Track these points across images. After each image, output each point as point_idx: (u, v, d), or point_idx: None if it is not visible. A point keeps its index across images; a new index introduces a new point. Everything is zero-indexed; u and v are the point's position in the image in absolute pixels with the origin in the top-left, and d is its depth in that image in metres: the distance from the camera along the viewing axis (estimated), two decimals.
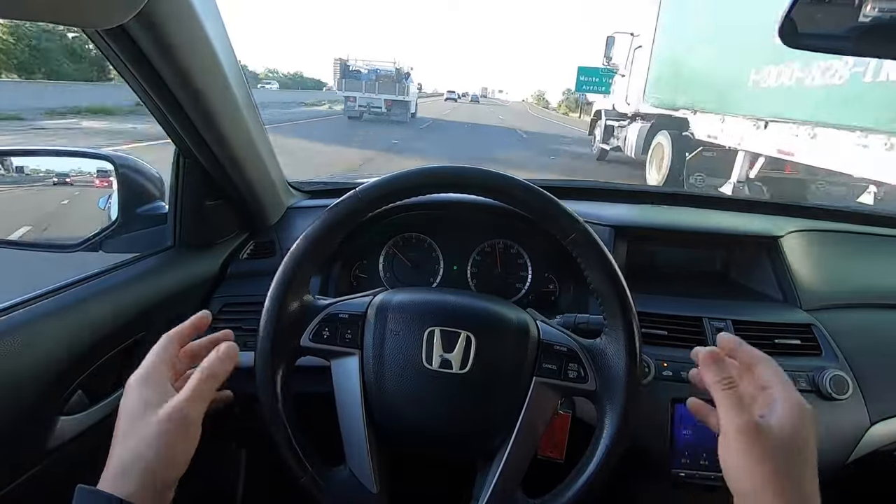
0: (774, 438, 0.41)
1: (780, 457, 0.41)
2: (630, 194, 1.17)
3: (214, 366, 0.47)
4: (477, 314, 0.58)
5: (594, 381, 0.54)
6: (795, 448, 0.41)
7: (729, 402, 0.44)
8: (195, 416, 0.44)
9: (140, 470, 0.41)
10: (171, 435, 0.42)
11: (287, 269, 0.55)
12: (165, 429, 0.42)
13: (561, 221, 0.55)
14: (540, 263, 0.93)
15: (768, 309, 0.87)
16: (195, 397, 0.45)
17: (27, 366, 0.54)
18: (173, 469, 0.43)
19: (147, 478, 0.41)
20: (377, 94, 17.37)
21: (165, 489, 0.43)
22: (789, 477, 0.40)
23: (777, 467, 0.40)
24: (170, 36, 0.52)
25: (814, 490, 0.41)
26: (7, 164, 0.84)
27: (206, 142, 0.68)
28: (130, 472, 0.40)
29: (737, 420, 0.42)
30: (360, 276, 0.95)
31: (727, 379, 0.45)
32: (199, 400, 0.45)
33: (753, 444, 0.41)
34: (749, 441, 0.41)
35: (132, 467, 0.41)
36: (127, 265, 0.73)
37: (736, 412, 0.43)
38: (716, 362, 0.46)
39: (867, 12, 0.60)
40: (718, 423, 0.46)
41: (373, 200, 0.56)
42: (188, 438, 0.44)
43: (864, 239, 1.03)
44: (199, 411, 0.45)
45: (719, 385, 0.45)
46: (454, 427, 0.55)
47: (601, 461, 0.52)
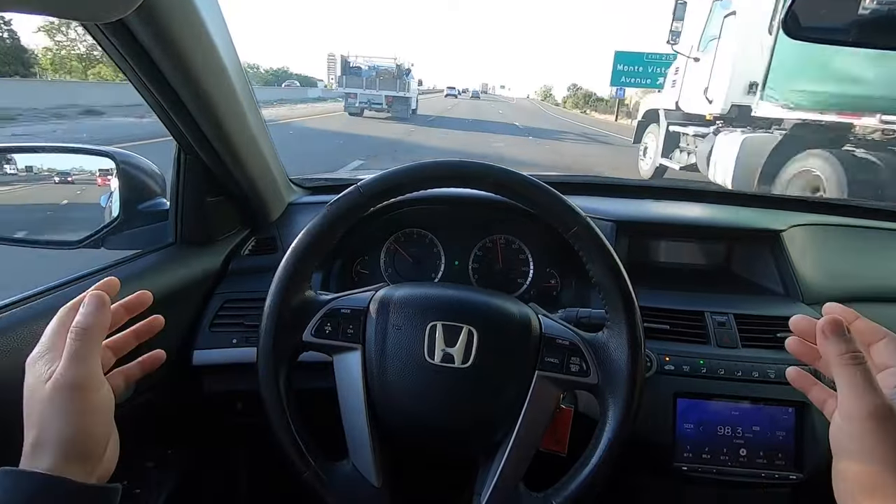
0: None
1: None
2: (631, 189, 1.17)
3: (82, 321, 0.43)
4: (479, 308, 0.58)
5: (596, 375, 0.54)
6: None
7: (858, 381, 0.38)
8: (82, 378, 0.41)
9: (52, 444, 0.39)
10: (65, 404, 0.40)
11: (289, 265, 0.55)
12: (58, 399, 0.40)
13: (563, 215, 0.55)
14: (541, 258, 0.93)
15: (770, 303, 0.87)
16: (72, 360, 0.41)
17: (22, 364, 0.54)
18: (88, 437, 0.41)
19: (62, 450, 0.39)
20: (378, 91, 17.37)
21: (91, 459, 0.41)
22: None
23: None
24: (170, 30, 0.51)
25: None
26: (7, 160, 0.84)
27: (206, 138, 0.68)
28: (44, 448, 0.39)
29: (867, 402, 0.37)
30: (361, 271, 0.95)
31: (855, 354, 0.39)
32: (79, 361, 0.41)
33: (881, 433, 0.36)
34: (881, 426, 0.36)
35: (44, 443, 0.39)
36: (128, 262, 0.73)
37: (866, 393, 0.37)
38: (839, 333, 0.40)
39: (866, 4, 0.59)
40: (826, 399, 0.43)
41: (374, 195, 0.56)
42: (87, 402, 0.41)
43: (867, 233, 1.02)
44: (84, 373, 0.41)
45: (845, 359, 0.39)
46: (456, 421, 0.55)
47: (604, 455, 0.52)
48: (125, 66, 0.56)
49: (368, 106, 17.43)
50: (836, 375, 0.40)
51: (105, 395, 0.43)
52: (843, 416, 0.39)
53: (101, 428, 0.42)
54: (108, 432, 0.43)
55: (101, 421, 0.42)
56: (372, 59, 18.89)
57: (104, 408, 0.43)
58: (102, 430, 0.42)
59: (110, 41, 0.52)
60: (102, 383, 0.43)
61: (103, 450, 0.42)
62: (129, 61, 0.55)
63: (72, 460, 0.39)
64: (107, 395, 0.43)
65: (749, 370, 0.74)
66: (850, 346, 0.40)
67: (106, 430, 0.43)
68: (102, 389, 0.43)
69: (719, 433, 0.73)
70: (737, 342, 0.78)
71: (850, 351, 0.39)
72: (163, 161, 0.83)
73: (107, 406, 0.43)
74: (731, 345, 0.77)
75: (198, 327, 0.79)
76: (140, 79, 0.58)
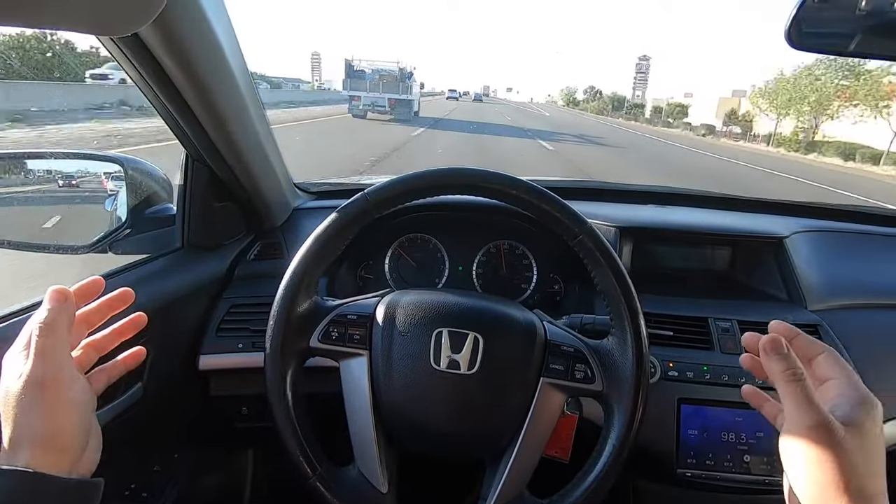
0: (840, 436, 0.38)
1: (849, 457, 0.38)
2: (635, 195, 1.17)
3: (43, 317, 0.43)
4: (484, 315, 0.58)
5: (601, 382, 0.55)
6: (865, 447, 0.39)
7: (798, 398, 0.40)
8: (51, 374, 0.41)
9: (27, 440, 0.40)
10: (36, 400, 0.40)
11: (296, 271, 0.55)
12: (29, 396, 0.41)
13: (567, 222, 0.55)
14: (545, 264, 0.93)
15: (774, 309, 0.87)
16: (38, 356, 0.42)
17: None
18: (61, 432, 0.41)
19: (37, 445, 0.40)
20: (381, 94, 17.62)
21: (67, 453, 0.41)
22: (856, 477, 0.38)
23: (846, 468, 0.38)
24: (182, 42, 0.52)
25: (881, 490, 0.38)
26: (16, 166, 0.85)
27: (215, 145, 0.69)
28: (20, 445, 0.40)
29: (807, 417, 0.39)
30: (366, 276, 0.96)
31: (794, 371, 0.41)
32: (45, 357, 0.42)
33: (823, 444, 0.38)
34: (819, 440, 0.38)
35: (19, 440, 0.40)
36: (135, 266, 0.74)
37: (806, 408, 0.39)
38: (779, 351, 0.42)
39: (862, 7, 0.60)
40: (777, 414, 0.44)
41: (381, 202, 0.56)
42: (59, 397, 0.41)
43: (870, 239, 1.03)
44: (53, 369, 0.42)
45: (786, 376, 0.41)
46: (462, 427, 0.56)
47: (609, 461, 0.52)
48: (137, 76, 0.57)
49: (372, 108, 17.61)
50: (779, 391, 0.42)
51: (79, 390, 0.43)
52: (788, 430, 0.41)
53: (76, 422, 0.42)
54: (86, 427, 0.43)
55: (76, 415, 0.42)
56: (375, 62, 19.06)
57: (79, 403, 0.43)
58: (78, 424, 0.42)
59: (124, 53, 0.52)
60: (76, 379, 0.43)
61: (82, 444, 0.42)
62: (142, 72, 0.56)
63: (49, 454, 0.40)
64: (81, 390, 0.43)
65: (752, 376, 0.74)
66: (789, 363, 0.42)
67: (82, 424, 0.42)
68: (76, 385, 0.43)
69: (723, 439, 0.73)
70: (740, 348, 0.78)
71: (790, 368, 0.41)
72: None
73: (82, 401, 0.43)
74: (734, 351, 0.77)
75: (204, 332, 0.79)
76: (151, 89, 0.59)
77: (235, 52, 0.64)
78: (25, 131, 4.96)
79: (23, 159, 0.85)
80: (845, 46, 0.64)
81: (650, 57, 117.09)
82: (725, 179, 10.65)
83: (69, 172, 0.86)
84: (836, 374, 0.43)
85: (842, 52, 0.65)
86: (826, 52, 0.67)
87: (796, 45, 0.58)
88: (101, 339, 0.50)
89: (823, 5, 0.63)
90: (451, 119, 21.61)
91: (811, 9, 0.61)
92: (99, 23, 0.34)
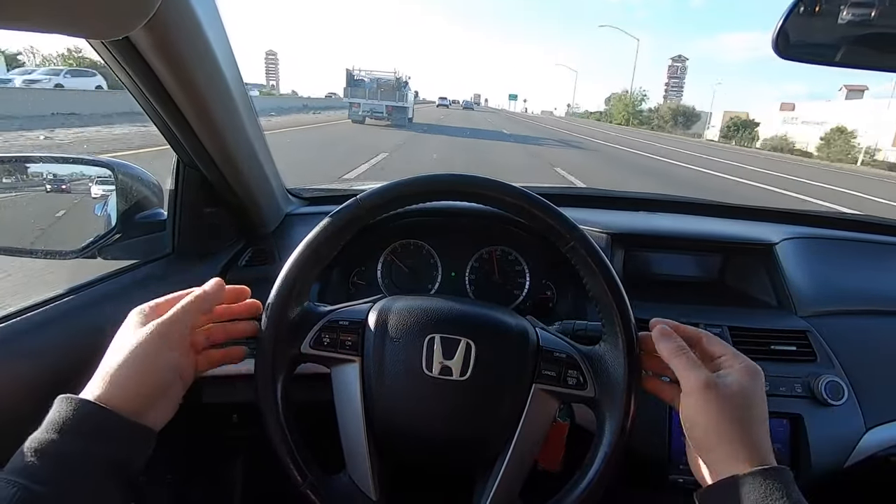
0: (729, 394, 0.46)
1: (734, 410, 0.45)
2: (627, 201, 1.18)
3: (196, 293, 0.53)
4: (477, 321, 0.58)
5: (593, 388, 0.55)
6: (747, 403, 0.46)
7: (686, 364, 0.49)
8: (172, 332, 0.49)
9: (119, 378, 0.45)
10: (148, 346, 0.47)
11: (288, 276, 0.55)
12: (144, 342, 0.47)
13: (559, 228, 0.55)
14: (538, 270, 0.93)
15: (764, 316, 0.88)
16: (173, 319, 0.50)
17: (25, 375, 0.54)
18: (150, 377, 0.47)
19: (124, 384, 0.45)
20: (379, 101, 18.90)
21: (144, 398, 0.46)
22: (742, 427, 0.44)
23: (732, 418, 0.45)
24: (174, 46, 0.52)
25: (765, 439, 0.45)
26: (2, 170, 0.84)
27: (207, 151, 0.69)
28: (109, 380, 0.45)
29: (695, 377, 0.47)
30: (358, 282, 0.95)
31: (681, 346, 0.51)
32: (176, 321, 0.50)
33: (711, 399, 0.45)
34: (707, 396, 0.46)
35: (113, 376, 0.45)
36: (125, 272, 0.73)
37: (694, 371, 0.48)
38: (667, 335, 0.52)
39: (843, 17, 0.61)
40: (674, 396, 0.51)
41: (373, 208, 0.56)
42: (165, 350, 0.48)
43: (860, 246, 1.04)
44: (175, 331, 0.49)
45: (675, 352, 0.50)
46: (454, 434, 0.55)
47: (601, 468, 0.52)
48: (128, 81, 0.56)
49: (370, 114, 18.87)
50: (673, 367, 0.50)
51: (177, 355, 0.50)
52: (685, 394, 0.48)
53: (159, 380, 0.48)
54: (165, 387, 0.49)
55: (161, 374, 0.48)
56: (373, 72, 20.22)
57: (171, 364, 0.49)
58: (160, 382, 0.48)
59: (115, 57, 0.52)
60: (180, 345, 0.50)
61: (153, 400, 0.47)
62: (133, 77, 0.55)
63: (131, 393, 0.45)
64: (179, 356, 0.50)
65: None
66: (676, 342, 0.51)
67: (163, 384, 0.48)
68: (177, 350, 0.50)
69: None
70: None
71: (675, 345, 0.51)
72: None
73: (173, 364, 0.49)
74: None
75: None
76: (143, 93, 0.59)
77: (228, 56, 0.64)
78: None
79: (10, 163, 0.84)
80: (832, 57, 0.65)
81: (686, 58, 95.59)
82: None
83: (58, 176, 0.86)
84: (722, 351, 0.51)
85: (829, 62, 0.66)
86: (814, 62, 0.68)
87: (784, 55, 0.59)
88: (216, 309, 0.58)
89: (808, 17, 0.64)
90: (442, 125, 22.17)
91: (796, 20, 0.62)
92: (90, 26, 0.34)
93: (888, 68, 0.68)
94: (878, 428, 0.77)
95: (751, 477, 0.42)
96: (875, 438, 0.77)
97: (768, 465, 0.43)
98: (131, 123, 7.71)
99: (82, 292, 0.64)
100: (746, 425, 0.45)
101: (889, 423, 0.78)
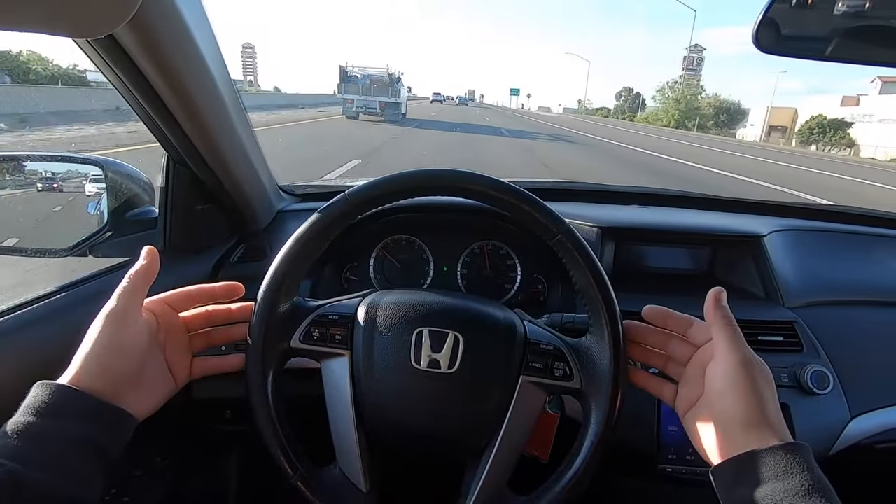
0: (762, 372, 0.48)
1: (769, 389, 0.47)
2: (617, 195, 1.19)
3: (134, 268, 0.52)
4: (464, 314, 0.58)
5: (580, 380, 0.56)
6: (769, 383, 0.48)
7: (732, 337, 0.49)
8: (117, 310, 0.49)
9: (91, 362, 0.46)
10: (110, 326, 0.48)
11: (276, 273, 0.55)
12: (96, 325, 0.48)
13: (545, 222, 0.56)
14: (529, 264, 0.94)
15: (752, 307, 0.89)
16: (115, 296, 0.50)
17: (13, 372, 0.54)
18: (123, 358, 0.48)
19: (92, 367, 0.46)
20: (372, 97, 19.48)
21: (116, 379, 0.47)
22: (768, 406, 0.47)
23: (765, 398, 0.47)
24: (159, 43, 0.52)
25: (782, 419, 0.47)
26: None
27: (196, 148, 0.69)
28: (80, 365, 0.46)
29: (738, 354, 0.48)
30: (350, 277, 0.96)
31: (730, 317, 0.51)
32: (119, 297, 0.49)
33: (750, 376, 0.47)
34: (748, 372, 0.47)
35: (82, 361, 0.46)
36: (116, 270, 0.73)
37: (738, 347, 0.48)
38: (721, 301, 0.51)
39: (839, 8, 0.60)
40: (674, 395, 0.53)
41: (362, 203, 0.57)
42: (115, 331, 0.48)
43: (846, 237, 1.05)
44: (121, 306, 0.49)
45: (725, 321, 0.50)
46: (443, 426, 0.56)
47: (587, 457, 0.53)
48: (114, 78, 0.56)
49: (364, 110, 19.44)
50: (716, 334, 0.50)
51: (133, 332, 0.49)
52: (723, 364, 0.48)
53: (118, 358, 0.48)
54: (130, 368, 0.48)
55: (120, 352, 0.48)
56: (367, 68, 20.68)
57: (127, 342, 0.49)
58: (120, 361, 0.48)
59: (101, 56, 0.52)
60: (134, 322, 0.50)
61: (122, 382, 0.48)
62: (119, 74, 0.55)
63: (94, 378, 0.46)
64: (135, 333, 0.49)
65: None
66: (726, 311, 0.51)
67: (125, 363, 0.48)
68: (132, 327, 0.49)
69: None
70: None
71: (728, 315, 0.50)
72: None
73: (131, 342, 0.49)
74: None
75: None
76: (130, 90, 0.59)
77: (215, 53, 0.63)
78: None
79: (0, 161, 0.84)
80: (822, 51, 0.64)
81: (704, 48, 77.51)
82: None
83: (48, 174, 0.85)
84: (717, 335, 0.51)
85: (817, 56, 0.66)
86: (801, 56, 0.67)
87: (766, 48, 0.59)
88: (214, 311, 0.59)
89: (800, 8, 0.64)
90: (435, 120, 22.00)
91: (786, 11, 0.62)
92: (72, 25, 0.34)
93: (880, 63, 0.68)
94: (863, 416, 0.79)
95: (773, 451, 0.43)
96: (859, 427, 0.78)
97: (790, 440, 0.44)
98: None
99: (71, 290, 0.64)
100: (771, 404, 0.47)
101: (873, 411, 0.79)
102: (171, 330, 0.55)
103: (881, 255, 1.03)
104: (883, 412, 0.80)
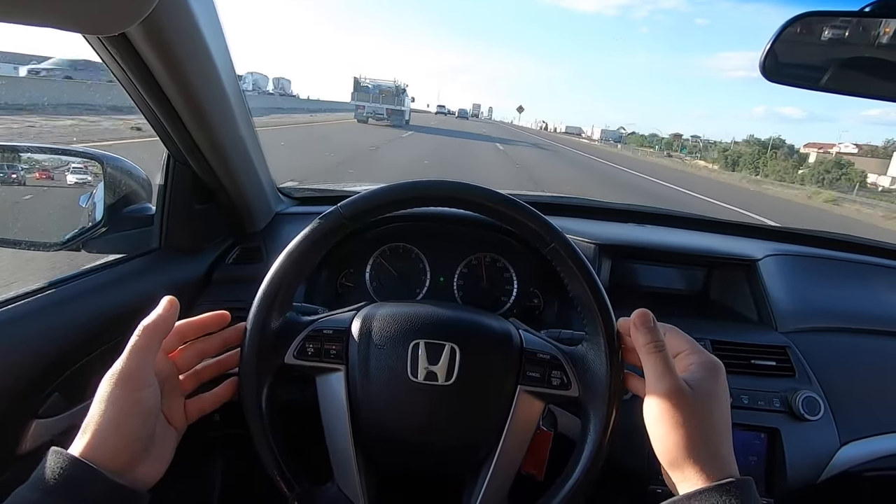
0: (694, 402, 0.43)
1: (702, 420, 0.43)
2: (615, 213, 1.19)
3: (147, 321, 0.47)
4: (461, 325, 0.58)
5: (577, 388, 0.55)
6: (711, 410, 0.44)
7: (659, 365, 0.45)
8: (129, 370, 0.45)
9: (99, 431, 0.42)
10: (108, 392, 0.44)
11: (269, 287, 0.54)
12: (105, 387, 0.44)
13: (540, 231, 0.55)
14: (525, 278, 0.94)
15: (746, 330, 0.89)
16: (127, 353, 0.46)
17: (1, 367, 0.53)
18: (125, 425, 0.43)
19: (104, 438, 0.42)
20: (381, 104, 23.74)
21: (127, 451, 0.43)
22: (711, 440, 0.42)
23: (700, 430, 0.42)
24: (171, 44, 0.52)
25: (727, 449, 0.43)
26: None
27: (198, 147, 0.68)
28: (92, 434, 0.42)
29: (665, 383, 0.44)
30: (346, 284, 0.95)
31: (658, 342, 0.47)
32: (131, 355, 0.45)
33: (676, 408, 0.43)
34: (673, 404, 0.43)
35: (86, 427, 0.43)
36: (110, 266, 0.72)
37: (665, 375, 0.45)
38: (647, 325, 0.48)
39: (825, 35, 0.61)
40: (639, 387, 0.49)
41: (356, 215, 0.56)
42: (126, 395, 0.44)
43: (841, 265, 1.06)
44: (133, 366, 0.45)
45: (649, 348, 0.47)
46: (441, 439, 0.55)
47: (586, 467, 0.52)
48: (122, 75, 0.56)
49: (373, 115, 23.59)
50: (643, 362, 0.47)
51: (149, 394, 0.45)
52: (649, 397, 0.45)
53: (138, 423, 0.44)
54: (146, 432, 0.45)
55: (139, 417, 0.44)
56: (377, 80, 24.79)
57: (144, 406, 0.45)
58: (137, 425, 0.44)
59: (109, 52, 0.52)
60: (150, 384, 0.46)
61: (138, 447, 0.44)
62: (127, 72, 0.55)
63: (105, 448, 0.42)
64: (151, 395, 0.45)
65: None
66: (653, 335, 0.47)
67: (142, 429, 0.45)
68: (148, 389, 0.45)
69: None
70: None
71: (654, 340, 0.47)
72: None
73: (148, 406, 0.45)
74: None
75: None
76: (136, 88, 0.58)
77: (223, 54, 0.63)
78: None
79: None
80: (817, 80, 0.66)
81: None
82: None
83: (45, 167, 0.84)
84: (684, 346, 0.48)
85: (814, 86, 0.67)
86: (799, 85, 0.69)
87: (771, 77, 0.60)
88: (207, 344, 0.54)
89: (799, 36, 0.65)
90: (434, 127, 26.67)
91: (786, 41, 0.64)
92: (87, 21, 0.34)
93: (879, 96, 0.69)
94: (853, 444, 0.79)
95: (707, 493, 0.40)
96: (849, 454, 0.78)
97: (727, 478, 0.41)
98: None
99: (63, 286, 0.63)
100: (711, 436, 0.43)
101: (863, 439, 0.80)
102: (166, 378, 0.50)
103: (876, 285, 1.04)
104: (873, 440, 0.80)
